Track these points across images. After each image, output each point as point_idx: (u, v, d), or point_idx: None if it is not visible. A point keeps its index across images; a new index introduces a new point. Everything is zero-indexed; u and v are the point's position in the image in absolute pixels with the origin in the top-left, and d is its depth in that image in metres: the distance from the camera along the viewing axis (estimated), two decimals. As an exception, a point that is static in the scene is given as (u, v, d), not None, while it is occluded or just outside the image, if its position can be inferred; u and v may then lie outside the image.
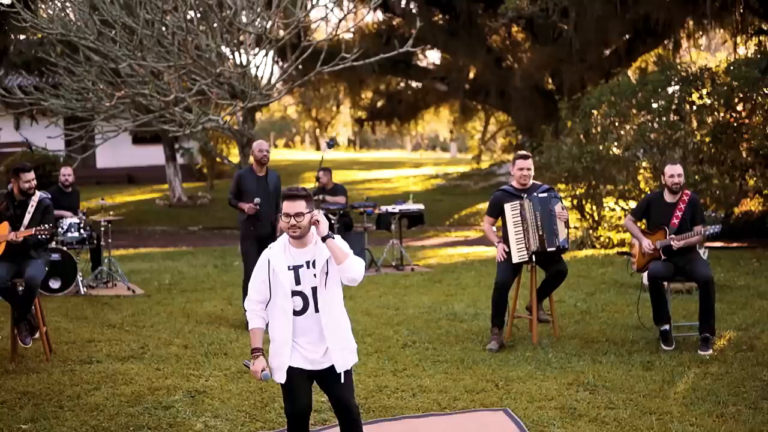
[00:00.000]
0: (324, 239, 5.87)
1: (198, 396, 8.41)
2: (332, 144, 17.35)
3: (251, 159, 12.07)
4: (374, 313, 12.19)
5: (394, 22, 35.44)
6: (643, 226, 10.27)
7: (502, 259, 10.08)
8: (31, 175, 9.88)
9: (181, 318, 12.08)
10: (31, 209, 9.87)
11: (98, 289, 14.47)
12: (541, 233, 9.94)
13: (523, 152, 10.56)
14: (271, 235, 11.63)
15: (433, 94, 39.89)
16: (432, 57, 42.49)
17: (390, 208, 16.67)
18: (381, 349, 10.09)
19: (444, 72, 35.59)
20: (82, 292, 14.01)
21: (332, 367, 5.99)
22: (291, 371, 5.97)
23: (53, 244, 13.90)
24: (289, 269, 5.96)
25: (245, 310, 6.19)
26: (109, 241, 15.09)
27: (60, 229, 14.15)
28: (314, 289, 5.96)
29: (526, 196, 10.07)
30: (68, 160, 20.59)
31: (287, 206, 5.93)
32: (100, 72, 18.16)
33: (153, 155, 37.70)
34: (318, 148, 71.08)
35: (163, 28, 17.17)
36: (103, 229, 14.82)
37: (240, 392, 8.48)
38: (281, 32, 19.96)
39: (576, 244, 18.38)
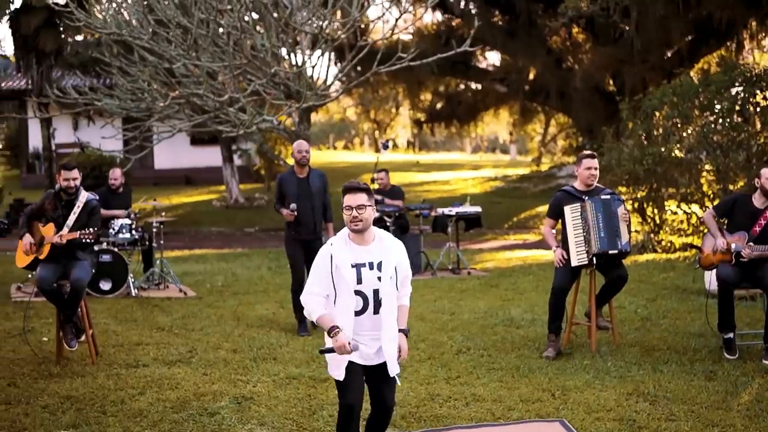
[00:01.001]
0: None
1: (245, 402, 8.21)
2: (388, 145, 17.08)
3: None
4: (428, 318, 11.92)
5: (453, 23, 35.14)
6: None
7: (560, 265, 9.74)
8: (74, 173, 9.72)
9: (231, 321, 11.90)
10: (77, 209, 9.73)
11: (149, 291, 14.35)
12: (602, 235, 9.59)
13: (590, 151, 10.23)
14: (315, 237, 11.41)
15: (493, 95, 39.47)
16: (492, 58, 42.16)
17: (446, 211, 16.37)
18: (434, 355, 9.81)
19: (503, 73, 35.19)
20: (133, 294, 13.89)
21: (383, 365, 5.99)
22: (351, 365, 5.95)
23: (104, 245, 13.81)
24: (351, 267, 5.89)
25: (297, 311, 6.15)
26: (161, 242, 14.98)
27: (111, 230, 14.06)
28: (376, 291, 5.92)
29: (587, 198, 9.73)
30: (124, 161, 20.55)
31: (349, 199, 5.89)
32: (155, 72, 18.07)
33: (211, 156, 37.75)
34: (377, 150, 70.86)
35: (219, 29, 17.03)
36: (154, 230, 14.72)
37: (288, 399, 8.26)
38: (338, 32, 19.77)
39: (637, 249, 17.95)
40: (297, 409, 7.98)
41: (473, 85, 41.48)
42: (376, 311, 5.91)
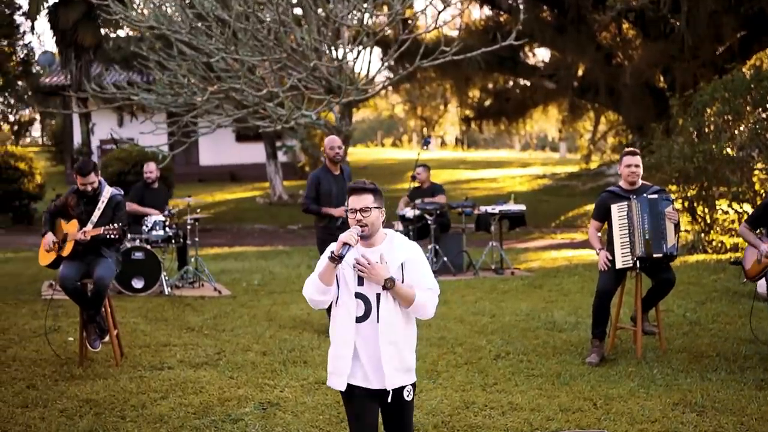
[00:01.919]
0: (385, 287, 5.27)
1: (270, 409, 7.87)
2: (430, 141, 16.67)
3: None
4: (467, 321, 11.47)
5: (501, 19, 34.60)
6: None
7: (605, 269, 9.26)
8: (90, 179, 9.33)
9: (264, 321, 11.54)
10: (101, 205, 9.39)
11: (184, 290, 14.05)
12: (647, 238, 9.11)
13: (631, 148, 9.74)
14: None
15: (541, 92, 38.85)
16: (541, 54, 41.56)
17: (489, 209, 15.88)
18: (471, 360, 9.39)
19: (552, 69, 34.60)
20: (166, 293, 13.59)
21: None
22: (352, 390, 5.36)
23: (137, 243, 13.53)
24: (353, 266, 5.33)
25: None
26: (196, 239, 14.65)
27: (144, 227, 13.76)
28: (378, 296, 5.32)
29: (634, 197, 9.25)
30: (164, 157, 20.28)
31: (353, 200, 5.33)
32: (193, 66, 17.77)
33: (256, 153, 37.48)
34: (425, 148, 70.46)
35: (258, 23, 16.69)
36: (189, 227, 14.37)
37: (315, 406, 7.90)
38: (381, 26, 19.38)
39: (687, 249, 17.35)
40: (324, 416, 7.63)
41: (522, 82, 40.93)
42: (378, 319, 5.31)
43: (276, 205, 31.89)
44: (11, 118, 61.62)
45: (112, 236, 9.08)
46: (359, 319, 5.33)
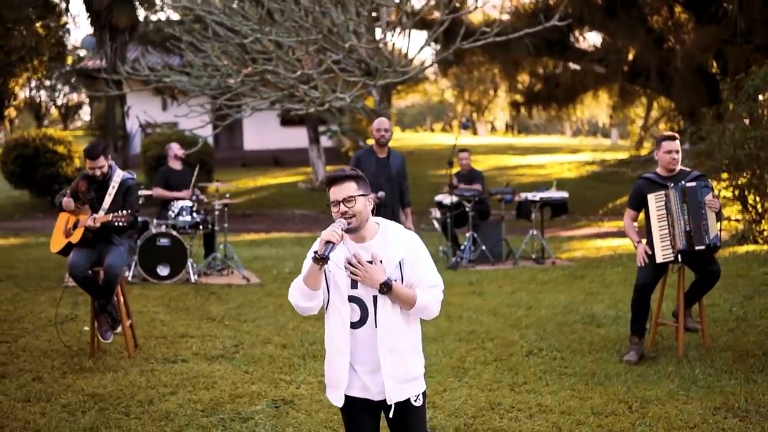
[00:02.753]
0: (381, 291, 4.69)
1: (283, 407, 7.42)
2: (468, 125, 16.13)
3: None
4: (502, 313, 10.92)
5: (551, 2, 33.86)
6: None
7: (643, 264, 8.68)
8: (99, 162, 8.92)
9: (288, 312, 11.04)
10: (112, 191, 8.97)
11: (211, 277, 13.63)
12: (688, 229, 8.52)
13: (671, 133, 9.12)
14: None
15: (592, 77, 38.03)
16: (592, 38, 40.72)
17: (530, 196, 15.27)
18: (501, 357, 8.84)
19: (602, 53, 33.79)
20: (192, 280, 13.18)
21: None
22: (351, 402, 4.82)
23: (163, 229, 13.14)
24: (345, 268, 4.74)
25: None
26: (225, 225, 14.20)
27: (171, 213, 13.37)
28: (375, 298, 4.74)
29: (672, 185, 8.65)
30: (197, 142, 19.90)
31: (333, 191, 4.74)
32: (227, 48, 17.30)
33: (300, 137, 37.01)
34: (475, 133, 70.09)
35: (294, 4, 16.21)
36: (217, 213, 13.91)
37: (330, 404, 7.35)
38: (423, 7, 18.84)
39: (736, 239, 16.62)
40: (339, 416, 7.09)
41: (572, 66, 40.13)
42: (377, 324, 4.74)
43: (318, 190, 31.42)
44: (59, 101, 61.71)
45: (121, 224, 8.64)
46: (354, 325, 4.77)
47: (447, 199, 15.00)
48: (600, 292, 12.16)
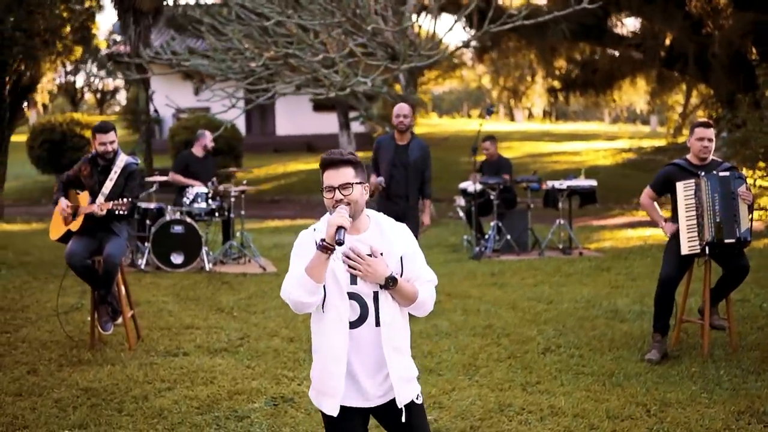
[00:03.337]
0: (386, 287, 4.35)
1: (282, 405, 7.07)
2: (492, 111, 15.65)
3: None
4: (521, 307, 10.48)
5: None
6: None
7: (672, 231, 8.25)
8: (110, 136, 8.61)
9: (299, 303, 10.67)
10: (113, 176, 8.63)
11: (227, 266, 13.28)
12: (718, 221, 8.05)
13: (705, 120, 8.66)
14: (407, 212, 10.13)
15: (629, 63, 37.36)
16: (629, 24, 40.00)
17: (557, 184, 14.76)
18: (516, 354, 8.42)
19: (639, 39, 33.13)
20: (207, 269, 12.83)
21: (393, 402, 4.43)
22: (345, 412, 4.44)
23: (177, 216, 12.81)
24: (343, 262, 4.35)
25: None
26: (242, 212, 13.84)
27: (186, 199, 13.04)
28: (376, 295, 4.37)
29: (703, 174, 8.19)
30: (220, 126, 19.57)
31: (329, 176, 4.35)
32: (249, 31, 16.92)
33: (333, 123, 36.58)
34: (512, 119, 69.52)
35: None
36: (233, 199, 13.53)
37: (331, 404, 7.01)
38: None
39: (772, 231, 16.07)
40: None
41: (610, 52, 39.45)
42: (378, 322, 4.38)
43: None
44: (95, 87, 61.72)
45: (121, 212, 8.30)
46: (353, 324, 4.39)
47: (471, 186, 14.56)
48: (625, 285, 11.67)
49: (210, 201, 13.06)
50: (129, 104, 43.74)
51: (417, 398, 4.52)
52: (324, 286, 4.36)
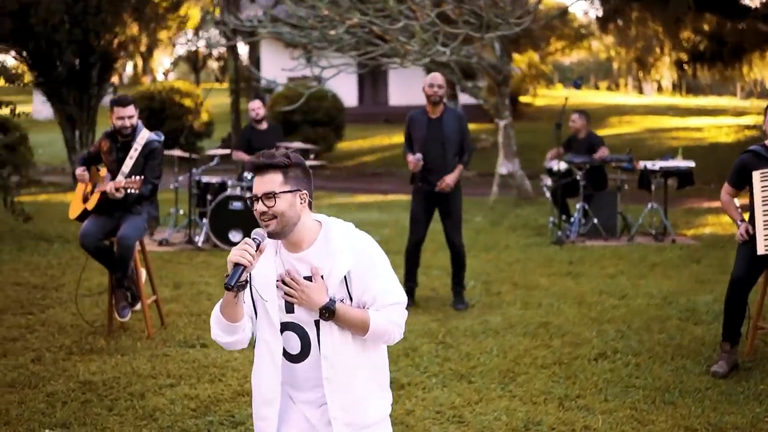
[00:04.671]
0: (323, 316, 3.67)
1: (285, 412, 6.30)
2: (580, 83, 14.56)
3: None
4: (588, 302, 9.51)
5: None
6: None
7: (745, 237, 7.24)
8: (128, 110, 7.99)
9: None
10: (134, 153, 8.00)
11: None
12: (800, 216, 7.03)
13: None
14: (444, 196, 9.31)
15: (759, 35, 35.52)
16: (760, -7, 38.03)
17: (650, 165, 13.60)
18: (563, 359, 7.51)
19: (765, 10, 31.35)
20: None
21: None
22: None
23: (237, 191, 12.22)
24: (278, 287, 3.69)
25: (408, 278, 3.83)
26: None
27: (246, 175, 12.44)
28: (317, 324, 3.68)
29: (785, 161, 7.17)
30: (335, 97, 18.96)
31: (255, 184, 3.68)
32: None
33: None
34: (641, 92, 67.63)
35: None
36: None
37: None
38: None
39: None
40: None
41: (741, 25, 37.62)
42: (322, 357, 3.70)
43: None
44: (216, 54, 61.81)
45: (133, 191, 7.65)
46: (295, 358, 3.73)
47: (556, 165, 13.57)
48: (712, 280, 10.52)
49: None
50: (242, 72, 43.69)
51: None
52: (255, 316, 3.75)
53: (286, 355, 3.73)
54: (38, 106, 35.83)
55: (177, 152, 13.09)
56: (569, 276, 10.91)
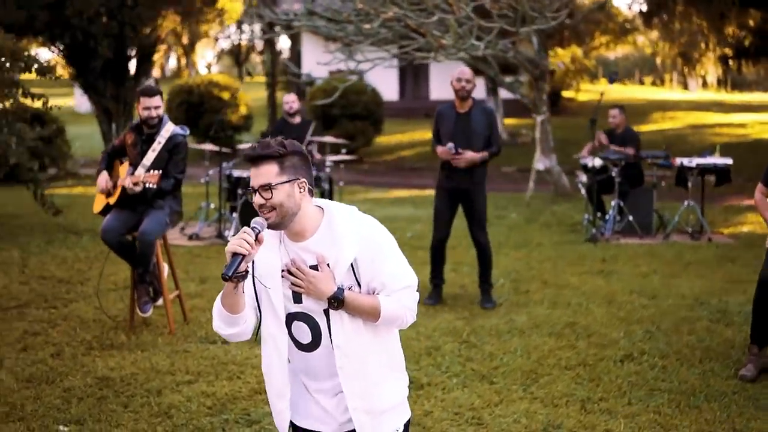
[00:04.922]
0: (331, 306, 3.55)
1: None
2: (615, 78, 14.36)
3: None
4: (617, 302, 9.35)
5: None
6: None
7: None
8: (155, 101, 7.94)
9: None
10: (157, 146, 7.94)
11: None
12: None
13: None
14: (473, 186, 9.16)
15: (803, 30, 35.08)
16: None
17: (686, 162, 13.39)
18: (588, 361, 7.37)
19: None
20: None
21: None
22: None
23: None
24: (284, 277, 3.57)
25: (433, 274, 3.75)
26: (341, 183, 13.06)
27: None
28: (327, 313, 3.57)
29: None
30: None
31: (252, 176, 3.58)
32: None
33: (482, 88, 35.56)
34: (685, 88, 66.98)
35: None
36: (328, 169, 12.73)
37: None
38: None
39: None
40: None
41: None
42: (334, 345, 3.61)
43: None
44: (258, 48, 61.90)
45: (151, 185, 7.59)
46: (307, 348, 3.64)
47: (591, 161, 13.39)
48: (746, 280, 10.26)
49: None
50: (281, 65, 43.77)
51: None
52: (259, 309, 3.64)
53: (297, 344, 3.66)
54: (79, 99, 36.07)
55: (208, 146, 13.02)
56: (600, 275, 10.74)
